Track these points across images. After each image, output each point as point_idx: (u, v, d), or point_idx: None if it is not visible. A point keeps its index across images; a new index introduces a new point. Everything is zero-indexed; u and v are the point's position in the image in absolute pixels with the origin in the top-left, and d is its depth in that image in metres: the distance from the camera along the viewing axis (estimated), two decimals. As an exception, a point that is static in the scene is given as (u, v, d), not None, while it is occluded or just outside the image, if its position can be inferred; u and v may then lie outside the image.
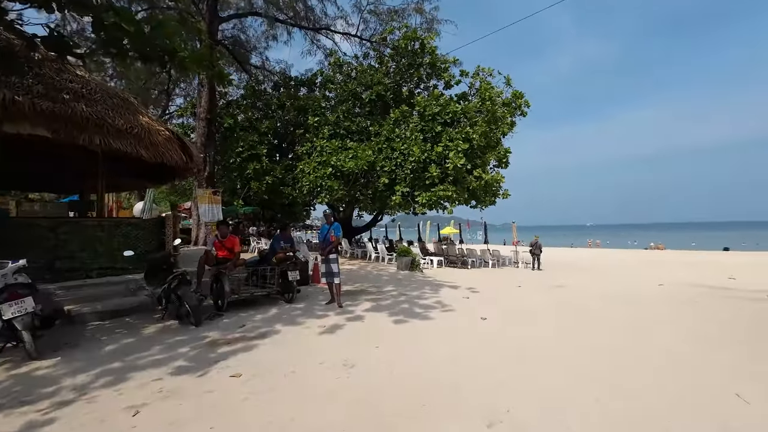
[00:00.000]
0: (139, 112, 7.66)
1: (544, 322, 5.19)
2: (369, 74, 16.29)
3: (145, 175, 9.65)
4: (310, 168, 13.91)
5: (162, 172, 9.10)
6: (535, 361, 3.62)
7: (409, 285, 8.45)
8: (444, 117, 13.98)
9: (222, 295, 5.63)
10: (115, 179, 9.55)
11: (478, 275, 11.61)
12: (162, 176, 9.54)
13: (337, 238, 6.22)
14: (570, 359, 3.70)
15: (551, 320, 5.33)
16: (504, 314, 5.60)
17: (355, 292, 7.47)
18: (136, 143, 6.94)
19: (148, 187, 11.65)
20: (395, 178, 13.81)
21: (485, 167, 14.81)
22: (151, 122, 7.60)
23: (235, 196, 16.97)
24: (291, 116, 17.94)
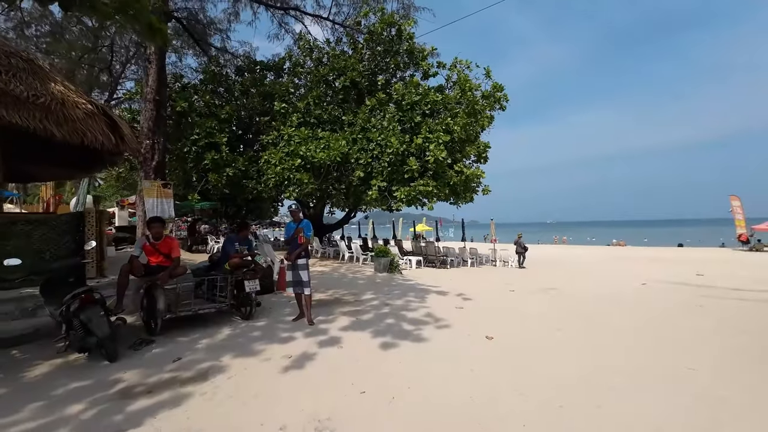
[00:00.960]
0: (51, 79, 6.02)
1: (561, 342, 4.33)
2: (342, 59, 15.02)
3: (70, 162, 7.89)
4: (276, 159, 12.47)
5: (94, 157, 7.44)
6: (584, 409, 2.69)
7: (390, 291, 7.42)
8: (423, 107, 13.05)
9: (154, 315, 4.31)
10: (23, 165, 7.72)
11: (462, 276, 10.81)
12: (94, 163, 7.83)
13: (306, 239, 5.05)
14: (620, 400, 2.82)
15: (567, 338, 4.49)
16: (510, 331, 4.70)
17: (329, 302, 6.32)
18: (42, 117, 5.38)
19: (76, 177, 9.73)
20: (371, 171, 12.71)
21: (464, 162, 14.09)
22: (66, 92, 5.99)
23: (190, 189, 15.09)
24: (256, 103, 16.28)
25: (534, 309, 6.01)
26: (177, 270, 4.47)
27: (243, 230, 5.36)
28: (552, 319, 5.33)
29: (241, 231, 5.34)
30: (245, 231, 5.39)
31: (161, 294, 4.30)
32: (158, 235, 4.53)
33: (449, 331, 4.54)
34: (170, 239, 4.65)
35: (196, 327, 4.67)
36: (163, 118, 13.42)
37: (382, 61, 15.89)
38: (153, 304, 4.32)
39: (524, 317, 5.45)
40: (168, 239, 4.62)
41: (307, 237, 5.08)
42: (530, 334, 4.54)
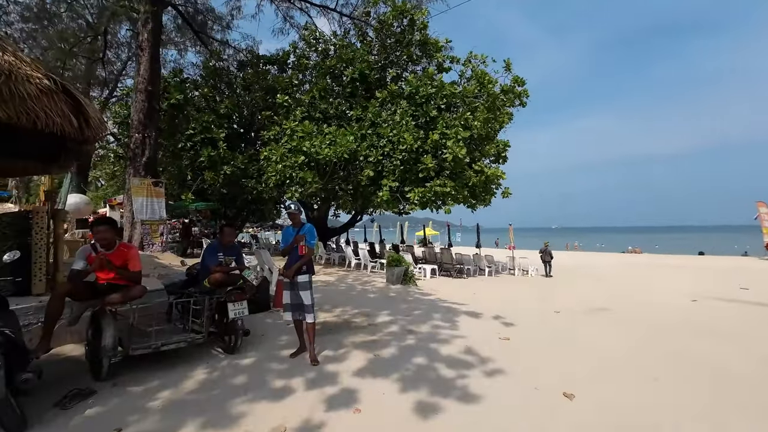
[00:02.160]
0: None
1: (673, 402, 3.07)
2: (350, 50, 13.89)
3: (30, 153, 6.77)
4: (278, 155, 11.31)
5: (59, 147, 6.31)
6: None
7: (410, 310, 6.18)
8: (439, 101, 11.84)
9: (98, 353, 3.11)
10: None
11: (486, 290, 9.55)
12: (59, 154, 6.70)
13: (310, 248, 3.84)
14: None
15: (676, 393, 3.23)
16: (591, 381, 3.42)
17: (337, 326, 5.08)
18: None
19: (49, 172, 8.59)
20: (382, 170, 11.51)
21: (483, 161, 12.87)
22: (17, 63, 4.84)
23: (185, 188, 13.97)
24: (258, 97, 15.19)
25: (600, 342, 4.73)
26: (132, 291, 3.26)
27: (228, 235, 4.14)
28: (634, 359, 4.07)
29: (225, 235, 4.12)
30: (231, 235, 4.17)
31: (109, 324, 3.11)
32: (108, 243, 3.33)
33: (506, 381, 3.29)
34: (126, 247, 3.46)
35: (161, 365, 3.47)
36: (156, 110, 12.34)
37: (393, 54, 14.75)
38: (98, 339, 3.12)
39: (595, 355, 4.18)
40: (123, 248, 3.43)
41: (311, 246, 3.86)
42: (619, 386, 3.28)
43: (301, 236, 3.81)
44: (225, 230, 4.14)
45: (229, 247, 4.15)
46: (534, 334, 4.94)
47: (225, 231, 4.13)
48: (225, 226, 4.19)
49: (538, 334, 4.92)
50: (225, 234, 4.11)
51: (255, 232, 27.55)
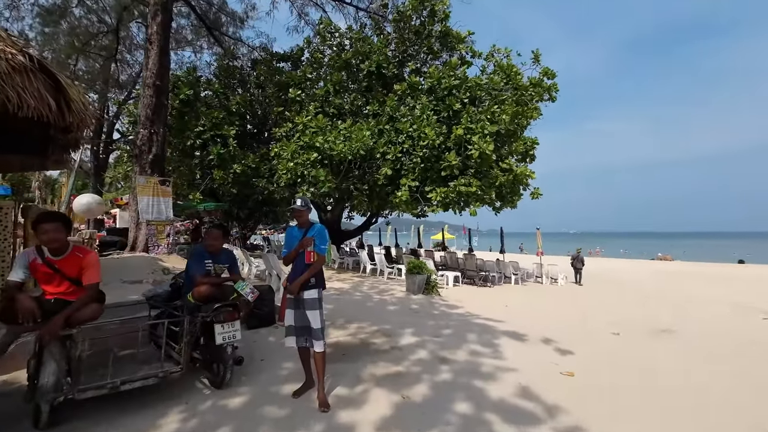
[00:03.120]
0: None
1: None
2: (367, 43, 13.11)
3: (18, 146, 6.18)
4: (289, 152, 10.56)
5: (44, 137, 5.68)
6: None
7: (438, 328, 5.23)
8: (463, 94, 10.87)
9: (34, 394, 2.31)
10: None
11: (520, 301, 8.51)
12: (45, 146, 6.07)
13: (320, 256, 2.97)
14: None
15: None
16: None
17: (353, 349, 4.18)
18: None
19: (46, 168, 8.05)
20: (400, 168, 10.62)
21: (511, 158, 11.81)
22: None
23: (193, 188, 13.42)
24: (270, 94, 14.57)
25: (690, 380, 3.67)
26: (81, 313, 2.44)
27: (213, 238, 3.29)
28: (746, 409, 3.02)
29: (210, 239, 3.27)
30: (216, 240, 3.31)
31: (51, 357, 2.31)
32: (58, 246, 2.53)
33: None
34: (82, 252, 2.65)
35: (126, 405, 2.65)
36: (164, 106, 11.81)
37: (411, 47, 13.91)
38: (38, 375, 2.32)
39: (690, 400, 3.15)
40: (77, 251, 2.62)
41: (321, 252, 2.99)
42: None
43: (309, 239, 2.94)
44: (211, 233, 3.29)
45: (218, 254, 3.32)
46: (601, 366, 3.91)
47: (211, 234, 3.28)
48: (212, 228, 3.34)
49: (606, 368, 3.89)
50: (210, 237, 3.26)
51: (268, 234, 27.04)
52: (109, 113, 22.90)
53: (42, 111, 4.40)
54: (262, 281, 8.93)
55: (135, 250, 10.63)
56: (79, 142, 6.00)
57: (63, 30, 13.21)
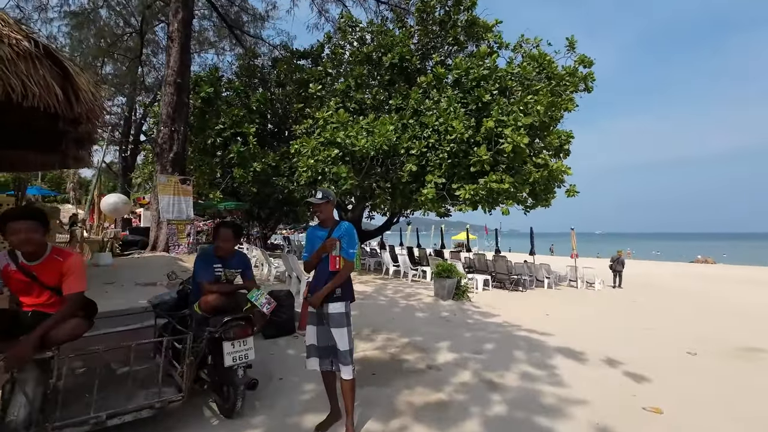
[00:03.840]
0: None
1: None
2: (389, 35, 12.56)
3: (32, 142, 6.01)
4: (309, 148, 10.15)
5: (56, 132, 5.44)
6: None
7: (477, 341, 4.61)
8: (492, 85, 10.10)
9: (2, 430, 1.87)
10: None
11: (560, 309, 7.73)
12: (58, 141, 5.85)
13: (349, 262, 2.43)
14: None
15: None
16: None
17: (384, 367, 3.63)
18: None
19: (54, 167, 7.89)
20: (426, 164, 10.00)
21: (545, 153, 10.95)
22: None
23: (213, 187, 13.28)
24: (290, 91, 14.28)
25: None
26: (60, 330, 1.99)
27: (223, 239, 2.78)
28: None
29: (220, 241, 2.80)
30: (227, 241, 2.78)
31: (23, 385, 1.88)
32: (33, 249, 2.09)
33: None
34: (63, 255, 2.20)
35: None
36: (185, 104, 11.69)
37: (435, 39, 13.28)
38: (8, 405, 1.89)
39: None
40: (56, 254, 2.18)
41: (349, 258, 2.45)
42: None
43: (334, 241, 2.41)
44: (220, 233, 2.79)
45: (230, 258, 2.84)
46: (693, 399, 3.17)
47: (220, 234, 2.78)
48: (221, 227, 2.84)
49: (700, 402, 3.15)
50: (220, 238, 2.78)
51: (288, 234, 26.99)
52: (137, 115, 23.44)
53: (48, 100, 4.11)
54: (282, 282, 8.55)
55: (156, 250, 10.53)
56: (92, 136, 5.73)
57: (90, 32, 13.38)
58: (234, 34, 17.02)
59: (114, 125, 23.54)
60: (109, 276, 6.05)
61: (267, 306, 2.69)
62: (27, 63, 3.90)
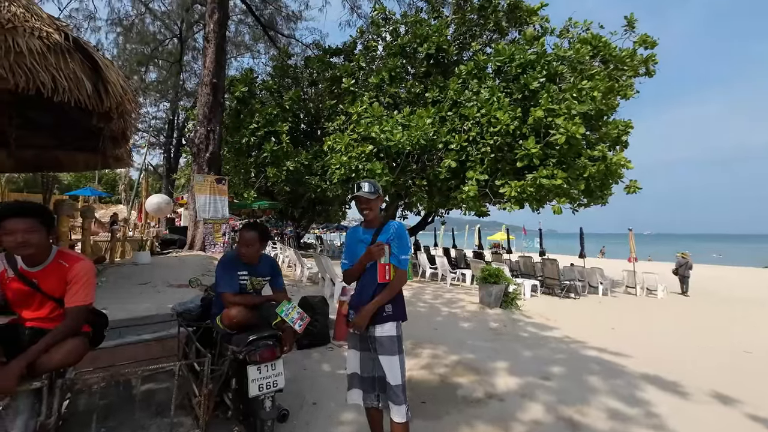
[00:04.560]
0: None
1: None
2: (425, 25, 11.94)
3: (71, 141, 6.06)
4: (342, 145, 9.77)
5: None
6: None
7: (540, 361, 3.93)
8: (538, 72, 9.17)
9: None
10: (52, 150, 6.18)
11: (627, 319, 6.77)
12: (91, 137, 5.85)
13: (400, 270, 1.90)
14: None
15: None
16: None
17: (434, 393, 3.07)
18: None
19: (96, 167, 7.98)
20: (466, 159, 9.29)
21: (600, 145, 9.84)
22: (26, 15, 3.79)
23: (248, 186, 13.33)
24: (323, 88, 14.07)
25: None
26: (53, 355, 1.62)
27: (247, 243, 2.31)
28: None
29: (242, 245, 2.32)
30: (251, 245, 2.31)
31: (18, 416, 1.52)
32: (33, 252, 1.74)
33: None
34: (68, 259, 1.84)
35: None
36: (221, 104, 11.75)
37: (473, 27, 12.50)
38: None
39: None
40: (62, 259, 1.83)
41: (401, 266, 1.92)
42: None
43: (381, 246, 1.88)
44: (243, 236, 2.32)
45: (256, 263, 2.41)
46: None
47: (243, 238, 2.32)
48: (245, 229, 2.37)
49: None
50: (243, 242, 2.33)
51: (320, 233, 27.08)
52: (179, 119, 24.49)
53: (78, 93, 3.93)
54: (315, 284, 8.23)
55: (193, 249, 10.63)
56: (126, 133, 5.60)
57: (134, 39, 13.96)
58: (268, 35, 17.14)
59: (159, 129, 24.78)
60: (145, 275, 5.97)
61: (299, 322, 2.22)
62: (57, 56, 3.73)
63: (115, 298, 4.23)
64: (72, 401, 2.15)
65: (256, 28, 18.99)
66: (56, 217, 4.61)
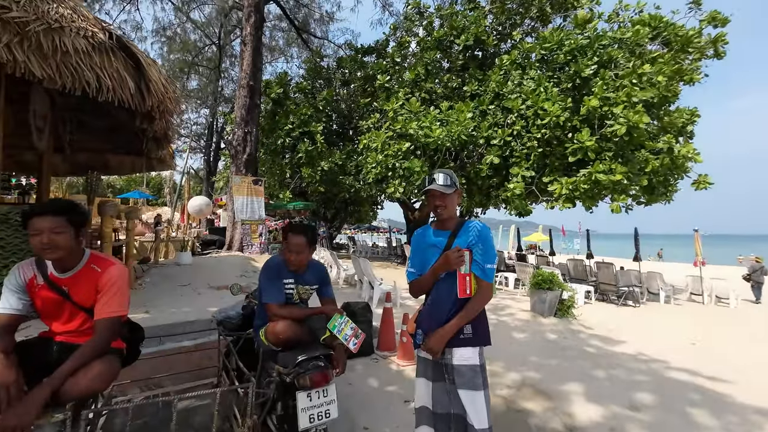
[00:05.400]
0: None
1: None
2: (462, 16, 11.40)
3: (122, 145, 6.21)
4: (379, 143, 9.48)
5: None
6: None
7: (619, 384, 3.38)
8: (589, 60, 8.35)
9: None
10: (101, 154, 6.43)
11: (705, 333, 5.91)
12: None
13: (484, 283, 1.51)
14: None
15: None
16: None
17: (499, 417, 2.63)
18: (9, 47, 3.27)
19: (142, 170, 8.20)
20: (510, 154, 8.68)
21: (666, 135, 8.83)
22: (74, 16, 3.79)
23: (283, 187, 13.41)
24: (356, 87, 13.88)
25: None
26: (79, 380, 1.38)
27: (297, 248, 1.99)
28: None
29: (290, 249, 1.99)
30: (302, 250, 2.00)
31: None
32: (62, 255, 1.53)
33: None
34: (101, 263, 1.62)
35: None
36: (257, 105, 11.89)
37: (514, 16, 11.79)
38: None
39: None
40: (94, 263, 1.61)
41: (487, 279, 1.54)
42: None
43: (462, 253, 1.51)
44: (290, 241, 2.01)
45: (303, 269, 2.11)
46: None
47: (290, 243, 2.01)
48: (292, 232, 2.04)
49: None
50: (290, 248, 2.02)
51: (352, 234, 27.10)
52: (218, 124, 25.47)
53: (122, 92, 3.87)
54: (352, 286, 7.98)
55: (231, 249, 10.79)
56: (168, 134, 5.59)
57: (175, 47, 14.55)
58: (301, 38, 17.27)
59: (199, 134, 25.89)
60: (186, 277, 5.98)
61: (354, 340, 1.90)
62: (102, 55, 3.68)
63: (156, 301, 4.16)
64: (108, 418, 1.95)
65: (290, 32, 19.28)
66: (88, 217, 4.62)
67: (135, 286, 4.51)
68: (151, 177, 36.46)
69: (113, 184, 36.65)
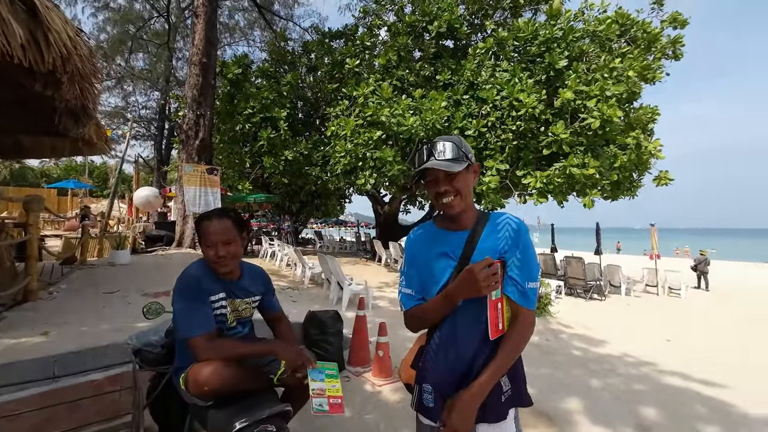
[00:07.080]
0: None
1: None
2: (434, 2, 10.91)
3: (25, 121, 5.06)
4: (348, 130, 8.80)
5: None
6: None
7: (617, 394, 3.07)
8: (563, 50, 8.21)
9: None
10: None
11: (675, 327, 5.94)
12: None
13: (523, 311, 0.97)
14: None
15: None
16: None
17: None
18: None
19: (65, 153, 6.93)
20: (485, 146, 8.38)
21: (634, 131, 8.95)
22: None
23: (242, 178, 12.32)
24: (323, 72, 13.00)
25: None
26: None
27: (225, 240, 1.35)
28: None
29: (215, 241, 1.34)
30: (231, 241, 1.36)
31: None
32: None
33: None
34: None
35: None
36: (211, 86, 10.67)
37: (486, 6, 11.50)
38: None
39: None
40: None
41: (528, 305, 1.00)
42: None
43: (494, 270, 0.95)
44: (206, 228, 1.39)
45: (239, 275, 1.49)
46: None
47: (206, 230, 1.39)
48: (205, 219, 1.41)
49: None
50: (210, 235, 1.37)
51: (319, 228, 26.13)
52: (170, 109, 23.27)
53: (6, 44, 2.95)
54: (319, 286, 7.32)
55: (182, 246, 9.65)
56: (87, 108, 4.58)
57: (116, 14, 12.77)
58: (264, 18, 16.00)
59: (149, 120, 23.52)
60: (118, 280, 5.02)
61: (326, 404, 1.30)
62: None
63: (68, 315, 3.28)
64: None
65: (252, 12, 17.83)
66: None
67: (41, 296, 3.56)
68: (95, 165, 32.82)
69: (48, 173, 32.57)
